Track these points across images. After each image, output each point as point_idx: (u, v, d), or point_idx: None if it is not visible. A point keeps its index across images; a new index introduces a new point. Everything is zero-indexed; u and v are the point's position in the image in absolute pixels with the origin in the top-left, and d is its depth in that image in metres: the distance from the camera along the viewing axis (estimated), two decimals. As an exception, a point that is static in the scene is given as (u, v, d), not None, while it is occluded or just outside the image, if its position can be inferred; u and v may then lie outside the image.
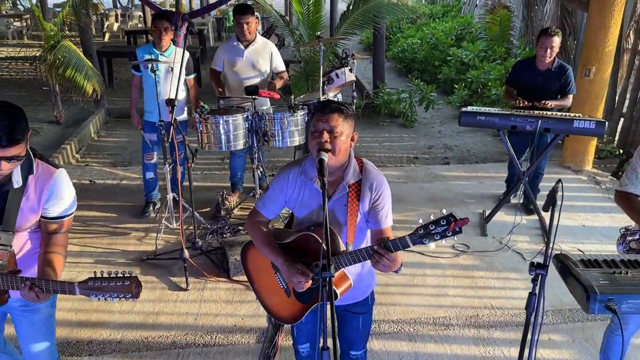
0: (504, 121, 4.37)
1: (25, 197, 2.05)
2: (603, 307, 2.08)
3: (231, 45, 4.82)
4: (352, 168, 2.32)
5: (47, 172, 2.10)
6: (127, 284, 1.91)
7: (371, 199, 2.31)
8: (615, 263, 2.33)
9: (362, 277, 2.49)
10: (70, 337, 3.44)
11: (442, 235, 2.08)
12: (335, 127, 2.19)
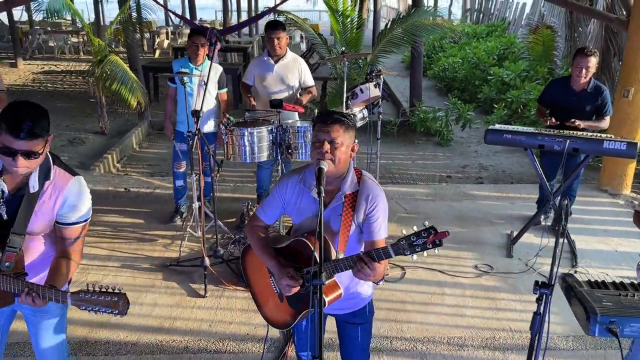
0: (531, 140, 4.28)
1: (40, 201, 2.11)
2: (604, 329, 2.01)
3: (262, 60, 4.95)
4: (349, 178, 2.34)
5: (64, 178, 2.17)
6: (115, 300, 1.97)
7: (366, 210, 2.32)
8: (624, 286, 2.25)
9: (357, 287, 2.49)
10: (89, 336, 3.56)
11: (423, 247, 2.09)
12: (336, 138, 2.22)
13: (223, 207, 5.13)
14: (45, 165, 2.12)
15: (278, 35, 4.77)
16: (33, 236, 2.18)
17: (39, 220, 2.15)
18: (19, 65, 14.79)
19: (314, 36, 8.73)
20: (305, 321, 2.61)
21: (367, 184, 2.37)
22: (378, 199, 2.34)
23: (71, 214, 2.20)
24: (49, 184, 2.13)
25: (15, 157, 1.94)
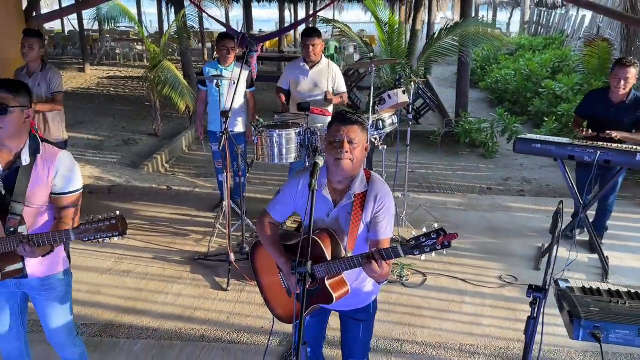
0: (561, 150, 4.19)
1: (34, 172, 2.35)
2: (588, 334, 1.99)
3: (297, 66, 5.09)
4: (359, 179, 2.38)
5: (53, 152, 2.41)
6: (113, 223, 2.13)
7: (374, 209, 2.36)
8: (619, 294, 2.20)
9: (361, 285, 2.54)
10: (115, 320, 3.78)
11: (432, 248, 2.11)
12: (355, 139, 2.27)
13: (252, 206, 5.30)
14: (34, 143, 2.38)
15: (313, 42, 4.90)
16: (34, 209, 2.37)
17: (36, 190, 2.36)
18: (86, 70, 15.72)
19: (361, 46, 8.83)
20: (309, 316, 2.68)
21: (376, 184, 2.41)
22: (386, 199, 2.38)
23: (64, 184, 2.41)
24: (40, 157, 2.38)
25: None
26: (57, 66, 16.70)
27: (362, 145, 2.32)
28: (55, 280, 2.62)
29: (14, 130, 2.29)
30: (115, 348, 3.50)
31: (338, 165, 2.29)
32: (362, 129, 2.31)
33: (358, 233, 2.39)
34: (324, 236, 2.36)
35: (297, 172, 2.56)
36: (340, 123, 2.30)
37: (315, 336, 2.73)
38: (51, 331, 2.71)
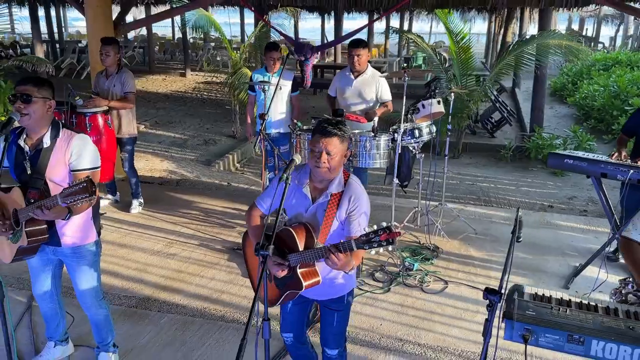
0: (593, 167, 4.10)
1: (53, 153, 2.80)
2: (519, 335, 2.06)
3: (344, 75, 5.34)
4: (337, 180, 2.62)
5: (71, 135, 2.85)
6: (84, 186, 2.43)
7: (348, 209, 2.58)
8: (569, 302, 2.24)
9: (333, 278, 2.74)
10: (151, 296, 4.24)
11: (379, 244, 2.27)
12: (332, 150, 2.51)
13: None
14: (55, 129, 2.84)
15: (358, 53, 5.12)
16: (57, 186, 2.79)
17: (55, 167, 2.81)
18: (187, 75, 16.96)
19: (432, 56, 8.89)
20: (290, 304, 2.93)
21: (352, 186, 2.64)
22: (360, 201, 2.59)
23: (78, 160, 2.83)
24: (59, 140, 2.83)
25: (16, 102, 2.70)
26: (163, 71, 18.29)
27: (341, 154, 2.55)
28: (85, 249, 3.07)
29: (38, 117, 2.76)
30: (146, 319, 3.95)
31: (316, 172, 2.56)
32: (340, 140, 2.54)
33: (331, 228, 2.60)
34: (299, 229, 2.60)
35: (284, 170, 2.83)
36: (320, 135, 2.53)
37: (297, 320, 2.95)
38: (80, 293, 3.17)
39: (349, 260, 2.41)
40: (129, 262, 4.78)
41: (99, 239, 3.18)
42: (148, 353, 3.58)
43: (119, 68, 5.49)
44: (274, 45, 5.31)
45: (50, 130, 2.85)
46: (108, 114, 5.40)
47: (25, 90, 2.73)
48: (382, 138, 4.68)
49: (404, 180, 5.30)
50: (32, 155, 2.84)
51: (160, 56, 22.75)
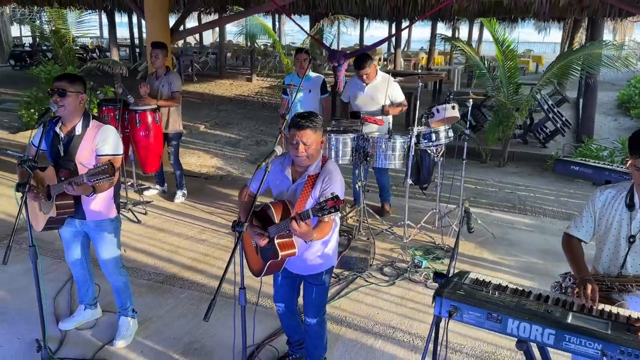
0: (598, 174, 4.17)
1: (83, 140, 3.30)
2: (445, 311, 2.29)
3: (356, 82, 5.62)
4: (315, 163, 2.98)
5: (98, 125, 3.34)
6: (106, 168, 2.91)
7: (321, 187, 2.93)
8: (505, 288, 2.44)
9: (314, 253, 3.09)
10: (177, 274, 4.72)
11: (329, 210, 2.55)
12: (308, 140, 2.88)
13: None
14: (86, 120, 3.33)
15: (365, 73, 5.41)
16: (85, 168, 3.29)
17: (84, 150, 3.30)
18: (252, 80, 17.73)
19: (477, 63, 8.94)
20: (279, 276, 3.30)
21: (327, 168, 2.99)
22: (332, 180, 2.93)
23: (103, 146, 3.30)
24: (89, 129, 3.32)
25: (54, 95, 3.19)
26: (232, 75, 19.19)
27: (316, 143, 2.92)
28: (106, 223, 3.56)
29: (72, 109, 3.27)
30: (168, 293, 4.43)
31: (297, 160, 2.94)
32: (313, 131, 2.89)
33: (306, 205, 2.93)
34: (277, 205, 2.96)
35: (274, 159, 3.17)
36: (295, 129, 2.89)
37: (287, 292, 3.33)
38: (102, 262, 3.66)
39: (309, 230, 2.71)
40: (163, 244, 5.31)
41: (119, 215, 3.66)
42: (164, 321, 4.04)
43: (167, 70, 6.07)
44: (301, 49, 5.70)
45: (82, 120, 3.36)
46: (156, 112, 5.98)
47: (60, 86, 3.25)
48: (398, 140, 4.93)
49: (424, 183, 5.49)
50: (66, 141, 3.36)
51: (232, 62, 23.80)
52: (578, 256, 2.75)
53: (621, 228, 2.62)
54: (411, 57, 19.18)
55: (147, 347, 3.74)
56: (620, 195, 2.65)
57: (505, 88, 8.57)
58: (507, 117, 8.57)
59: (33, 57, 17.24)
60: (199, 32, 8.44)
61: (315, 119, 2.95)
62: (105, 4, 10.61)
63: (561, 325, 2.11)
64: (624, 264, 2.63)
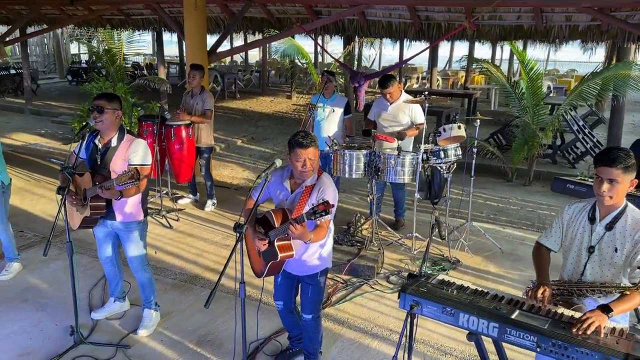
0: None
1: (118, 151, 3.78)
2: (408, 305, 2.61)
3: (381, 101, 6.00)
4: (312, 176, 3.36)
5: (131, 138, 3.82)
6: (132, 174, 3.39)
7: (317, 196, 3.29)
8: (466, 288, 2.74)
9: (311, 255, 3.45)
10: (199, 275, 5.17)
11: (319, 213, 2.93)
12: (312, 157, 3.26)
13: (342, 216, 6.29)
14: (121, 133, 3.81)
15: (388, 92, 5.78)
16: (115, 174, 3.78)
17: (117, 160, 3.78)
18: (292, 98, 18.33)
19: (504, 84, 9.12)
20: (279, 277, 3.67)
21: (322, 180, 3.37)
22: (327, 191, 3.31)
23: (135, 157, 3.77)
24: (123, 142, 3.80)
25: (93, 112, 3.69)
26: (273, 93, 19.87)
27: (317, 158, 3.30)
28: (134, 224, 4.04)
29: (109, 124, 3.77)
30: (190, 291, 4.88)
31: (303, 175, 3.32)
32: (315, 148, 3.27)
33: (303, 212, 3.29)
34: (278, 212, 3.34)
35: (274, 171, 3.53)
36: (300, 148, 3.24)
37: (286, 292, 3.69)
38: (130, 259, 4.14)
39: (305, 231, 3.08)
40: (190, 248, 5.79)
41: (146, 218, 4.14)
42: (183, 315, 4.48)
43: (202, 89, 6.62)
44: (327, 71, 6.15)
45: (118, 134, 3.86)
46: (190, 127, 6.52)
47: (99, 104, 3.76)
48: (407, 157, 5.26)
49: (435, 198, 5.77)
50: (103, 151, 3.87)
51: (275, 80, 24.57)
52: (542, 263, 3.03)
53: (583, 239, 2.88)
54: (449, 76, 19.35)
55: (166, 337, 4.18)
56: (585, 210, 2.92)
57: (530, 108, 8.73)
58: (532, 137, 8.72)
59: (88, 73, 18.39)
60: (234, 54, 8.95)
61: (313, 137, 3.33)
62: (153, 25, 11.38)
63: (504, 319, 2.40)
64: (584, 271, 2.88)
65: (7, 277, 4.96)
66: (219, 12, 9.79)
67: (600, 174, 2.71)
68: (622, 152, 2.67)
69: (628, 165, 2.65)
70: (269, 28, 9.34)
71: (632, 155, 2.69)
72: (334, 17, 8.27)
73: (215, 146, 10.30)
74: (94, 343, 4.02)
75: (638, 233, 2.71)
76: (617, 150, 2.69)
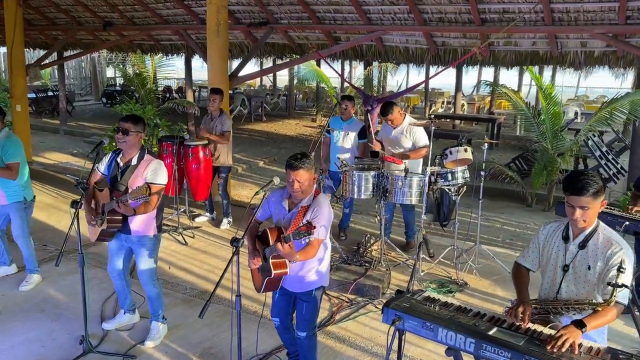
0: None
1: (137, 169, 3.99)
2: (391, 319, 2.69)
3: (386, 126, 6.13)
4: (308, 197, 3.49)
5: (150, 158, 4.04)
6: (144, 189, 3.58)
7: (311, 216, 3.41)
8: (450, 305, 2.80)
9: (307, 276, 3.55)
10: (208, 290, 5.30)
11: (303, 234, 3.06)
12: (301, 179, 3.39)
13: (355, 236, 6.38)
14: (141, 153, 4.03)
15: (390, 118, 5.93)
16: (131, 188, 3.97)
17: (136, 178, 3.98)
18: (317, 121, 18.58)
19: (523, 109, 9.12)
20: (277, 293, 3.77)
21: (317, 200, 3.48)
22: (320, 210, 3.42)
23: (152, 176, 3.97)
24: (143, 161, 4.02)
25: (118, 133, 3.91)
26: (299, 116, 20.17)
27: (309, 180, 3.42)
28: (147, 239, 4.23)
29: (131, 144, 4.00)
30: (198, 305, 4.94)
31: (293, 195, 3.47)
32: (306, 170, 3.40)
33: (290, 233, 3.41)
34: (273, 230, 3.48)
35: (274, 191, 3.68)
36: (290, 169, 3.41)
37: (282, 308, 3.79)
38: (140, 272, 4.32)
39: (292, 251, 3.21)
40: (203, 264, 5.95)
41: (159, 234, 4.31)
42: (190, 329, 4.62)
43: (221, 112, 6.87)
44: (346, 96, 6.33)
45: (138, 153, 4.09)
46: (207, 147, 6.75)
47: (125, 126, 3.99)
48: (415, 178, 5.35)
49: (444, 220, 5.82)
50: (123, 169, 4.09)
51: (302, 103, 24.95)
52: (521, 282, 3.07)
53: (558, 258, 2.93)
54: (475, 101, 19.34)
55: (172, 349, 4.32)
56: (559, 229, 2.97)
57: (548, 133, 8.71)
58: (551, 162, 8.67)
59: (121, 96, 19.07)
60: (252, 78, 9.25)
61: (307, 160, 3.44)
62: (181, 50, 11.83)
63: (481, 335, 2.45)
64: (559, 289, 2.92)
65: (27, 288, 5.20)
66: (243, 39, 10.12)
67: (570, 202, 2.75)
68: (589, 179, 2.71)
69: (597, 191, 2.69)
70: (290, 53, 9.61)
71: (599, 178, 2.73)
72: (351, 43, 8.48)
73: (237, 167, 10.56)
74: (102, 352, 4.18)
75: (609, 251, 2.74)
76: (584, 177, 2.73)
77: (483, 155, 5.72)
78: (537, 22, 7.00)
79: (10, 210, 5.10)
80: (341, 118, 6.43)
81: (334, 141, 6.39)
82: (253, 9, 9.07)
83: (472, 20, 7.38)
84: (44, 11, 12.01)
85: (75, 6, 11.26)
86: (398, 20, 7.97)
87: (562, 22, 6.87)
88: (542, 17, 6.87)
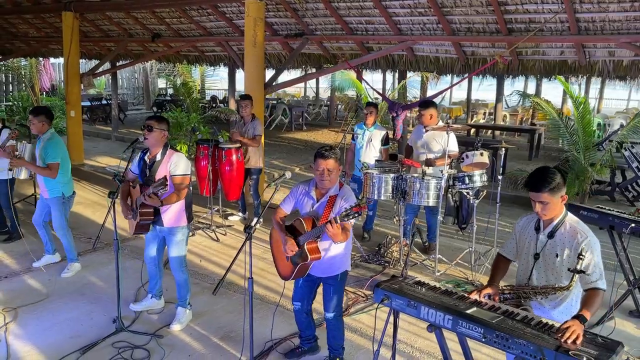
0: (603, 220, 4.46)
1: (162, 164, 4.39)
2: (380, 298, 2.95)
3: (419, 128, 6.34)
4: (335, 187, 3.80)
5: (172, 152, 4.43)
6: (162, 181, 3.97)
7: (340, 204, 3.69)
8: (437, 288, 3.04)
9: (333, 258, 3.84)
10: (234, 281, 5.65)
11: (353, 214, 3.33)
12: (331, 168, 3.70)
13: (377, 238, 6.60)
14: (165, 149, 4.42)
15: (430, 113, 6.09)
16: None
17: (161, 171, 4.38)
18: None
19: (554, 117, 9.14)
20: (299, 280, 4.06)
21: (344, 190, 3.80)
22: (348, 198, 3.73)
23: (175, 168, 4.37)
24: (166, 156, 4.41)
25: (144, 129, 4.30)
26: (339, 125, 20.39)
27: (336, 170, 3.73)
28: (177, 229, 4.62)
29: (155, 141, 4.42)
30: (224, 295, 5.39)
31: (322, 184, 3.76)
32: (335, 160, 3.71)
33: (329, 217, 3.67)
34: (307, 219, 3.76)
35: (300, 183, 4.00)
36: (321, 158, 3.71)
37: (305, 294, 4.08)
38: (171, 259, 4.71)
39: (338, 232, 3.45)
40: (231, 258, 6.29)
41: (190, 225, 4.70)
42: (214, 315, 4.98)
43: (253, 117, 7.28)
44: (370, 103, 6.63)
45: (162, 149, 4.51)
46: (239, 150, 7.16)
47: (149, 123, 4.42)
48: (432, 181, 5.55)
49: (463, 223, 5.98)
50: (150, 165, 4.52)
51: (344, 113, 25.28)
52: (496, 270, 3.32)
53: (530, 247, 3.14)
54: (519, 112, 19.14)
55: (195, 331, 4.69)
56: (533, 220, 3.18)
57: (580, 143, 8.70)
58: (583, 172, 8.65)
59: (171, 105, 19.95)
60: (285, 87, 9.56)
61: (335, 151, 3.75)
62: (224, 61, 12.40)
63: (459, 313, 2.68)
64: (530, 276, 3.13)
65: (68, 275, 5.70)
66: (280, 49, 10.57)
67: (531, 197, 2.96)
68: (546, 176, 2.92)
69: (553, 187, 2.89)
70: (325, 63, 9.97)
71: (558, 175, 2.91)
72: (381, 52, 8.75)
73: (273, 172, 10.97)
74: (133, 331, 4.59)
75: (575, 241, 2.92)
76: (542, 174, 2.93)
77: (501, 160, 5.87)
78: (563, 31, 7.08)
79: (51, 204, 5.62)
80: (365, 124, 6.70)
81: (358, 147, 6.69)
82: (289, 21, 9.50)
83: (499, 30, 7.52)
84: (98, 24, 12.86)
85: (127, 19, 12.02)
86: (427, 31, 8.19)
87: (588, 31, 6.93)
88: (568, 26, 6.95)
